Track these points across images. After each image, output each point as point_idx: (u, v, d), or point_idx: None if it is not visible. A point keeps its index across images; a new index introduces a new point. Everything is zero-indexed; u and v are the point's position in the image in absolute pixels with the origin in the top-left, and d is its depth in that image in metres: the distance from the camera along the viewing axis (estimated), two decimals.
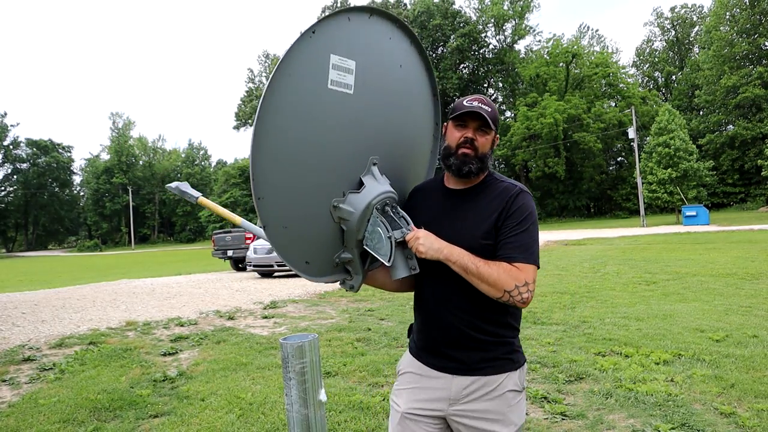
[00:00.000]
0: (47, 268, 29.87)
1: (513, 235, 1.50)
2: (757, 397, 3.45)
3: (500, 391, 1.54)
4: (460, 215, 1.58)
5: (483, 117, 1.52)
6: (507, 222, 1.51)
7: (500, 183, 1.59)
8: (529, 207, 1.53)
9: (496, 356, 1.54)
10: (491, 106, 1.56)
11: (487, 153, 1.57)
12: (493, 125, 1.56)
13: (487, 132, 1.56)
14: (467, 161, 1.54)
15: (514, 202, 1.52)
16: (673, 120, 33.84)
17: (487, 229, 1.52)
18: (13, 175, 78.13)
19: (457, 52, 57.24)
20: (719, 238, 17.49)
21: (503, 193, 1.55)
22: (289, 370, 1.38)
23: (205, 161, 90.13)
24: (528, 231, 1.51)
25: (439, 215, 1.60)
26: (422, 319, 1.64)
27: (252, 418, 3.54)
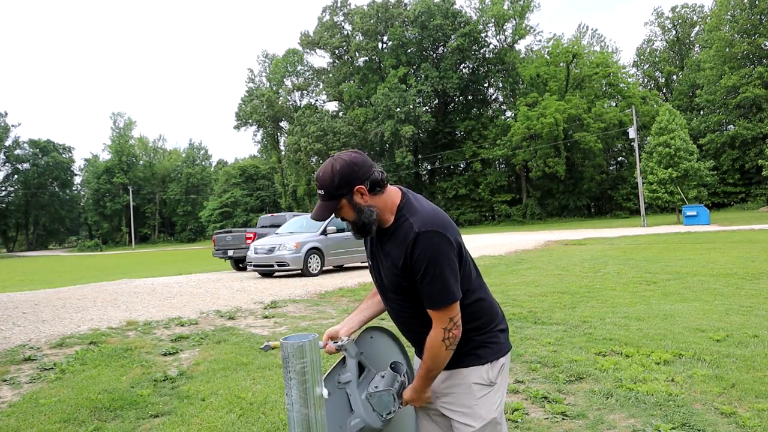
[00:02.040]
0: (48, 267, 29.89)
1: (423, 288, 1.58)
2: (758, 397, 3.45)
3: (464, 383, 1.65)
4: (382, 256, 1.69)
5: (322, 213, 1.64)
6: (415, 273, 1.57)
7: (405, 222, 1.60)
8: (426, 253, 1.53)
9: (460, 352, 1.64)
10: (323, 187, 1.60)
11: (355, 219, 1.62)
12: (334, 203, 1.60)
13: (339, 211, 1.63)
14: (353, 231, 1.68)
15: (412, 253, 1.55)
16: (673, 120, 33.83)
17: (400, 274, 1.60)
18: (14, 175, 78.19)
19: (458, 51, 57.22)
20: (720, 238, 17.48)
21: (404, 238, 1.58)
22: (289, 369, 1.38)
23: (206, 161, 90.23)
24: (432, 278, 1.54)
25: (373, 252, 1.75)
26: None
27: (252, 417, 3.54)
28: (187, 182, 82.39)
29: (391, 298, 1.72)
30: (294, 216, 16.53)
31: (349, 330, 1.79)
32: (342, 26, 62.07)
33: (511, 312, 6.55)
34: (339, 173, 1.57)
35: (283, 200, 67.64)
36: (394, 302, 1.72)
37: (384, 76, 57.82)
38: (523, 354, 4.71)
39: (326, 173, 1.59)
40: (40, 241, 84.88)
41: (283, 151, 64.91)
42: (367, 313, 1.88)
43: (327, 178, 1.58)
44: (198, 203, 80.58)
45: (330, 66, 65.22)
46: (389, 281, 1.66)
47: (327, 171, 1.59)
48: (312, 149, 55.09)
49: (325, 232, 13.39)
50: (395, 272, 1.61)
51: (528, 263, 12.87)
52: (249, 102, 63.83)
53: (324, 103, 67.06)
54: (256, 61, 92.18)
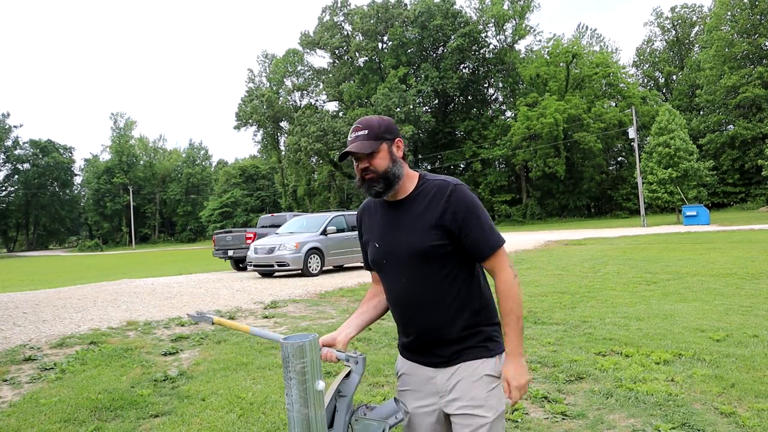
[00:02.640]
0: (48, 267, 29.89)
1: (473, 235, 1.58)
2: (758, 396, 3.45)
3: (476, 376, 1.61)
4: (403, 225, 1.64)
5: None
6: (459, 223, 1.57)
7: (432, 183, 1.64)
8: (468, 201, 1.59)
9: (471, 345, 1.62)
10: (368, 127, 1.63)
11: (388, 167, 1.62)
12: (377, 143, 1.61)
13: (375, 154, 1.61)
14: (372, 185, 1.63)
15: (454, 203, 1.58)
16: (673, 120, 33.82)
17: (432, 233, 1.58)
18: (14, 175, 78.20)
19: (458, 52, 57.21)
20: (719, 237, 17.48)
21: (438, 194, 1.60)
22: (289, 369, 1.38)
23: (206, 161, 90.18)
24: (481, 221, 1.59)
25: (385, 228, 1.69)
26: (399, 323, 1.75)
27: (252, 417, 3.54)
28: (187, 182, 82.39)
29: (411, 273, 1.62)
30: (294, 216, 16.53)
31: (347, 336, 1.71)
32: (342, 26, 62.06)
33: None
34: (386, 122, 1.66)
35: (283, 200, 67.64)
36: (416, 275, 1.61)
37: (384, 76, 57.81)
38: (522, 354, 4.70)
39: (373, 118, 1.66)
40: (41, 241, 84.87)
41: (283, 151, 64.89)
42: (365, 317, 1.82)
43: (374, 122, 1.64)
44: (198, 203, 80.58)
45: (330, 66, 65.22)
46: (416, 249, 1.59)
47: (373, 117, 1.66)
48: (312, 149, 55.07)
49: (325, 232, 13.39)
50: (430, 233, 1.58)
51: (528, 263, 12.87)
52: (249, 102, 63.81)
53: (324, 103, 67.08)
54: (256, 61, 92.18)
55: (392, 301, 1.72)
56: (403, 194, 1.67)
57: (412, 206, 1.64)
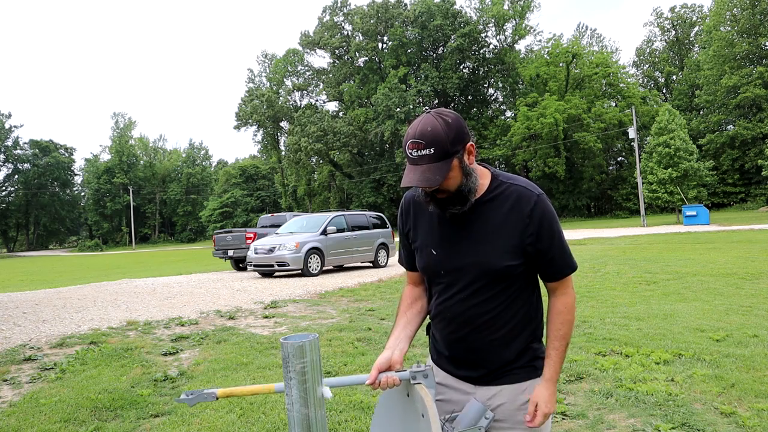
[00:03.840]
0: (48, 267, 29.89)
1: (551, 254, 1.43)
2: (758, 396, 3.45)
3: (524, 398, 1.46)
4: (473, 236, 1.42)
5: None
6: (539, 240, 1.40)
7: (511, 188, 1.43)
8: (551, 217, 1.42)
9: (519, 365, 1.47)
10: (434, 144, 1.29)
11: (461, 185, 1.36)
12: (448, 162, 1.31)
13: (447, 175, 1.32)
14: (445, 206, 1.39)
15: (540, 217, 1.39)
16: (673, 120, 33.83)
17: (509, 250, 1.39)
18: (15, 175, 78.21)
19: (458, 52, 57.22)
20: (719, 237, 17.48)
21: (520, 203, 1.40)
22: (289, 369, 1.38)
23: (206, 161, 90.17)
24: (561, 241, 1.44)
25: (447, 235, 1.46)
26: (443, 335, 1.53)
27: (252, 417, 3.54)
28: (187, 182, 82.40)
29: (473, 290, 1.42)
30: (294, 216, 16.53)
31: (402, 352, 1.47)
32: (342, 26, 62.07)
33: None
34: (454, 126, 1.31)
35: (283, 200, 67.65)
36: (478, 293, 1.42)
37: (384, 77, 57.81)
38: None
39: (437, 127, 1.29)
40: (41, 241, 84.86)
41: (284, 151, 64.89)
42: (413, 327, 1.57)
43: (441, 133, 1.28)
44: (198, 203, 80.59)
45: (330, 66, 65.23)
46: (487, 268, 1.39)
47: (437, 125, 1.29)
48: (312, 149, 55.08)
49: (325, 232, 13.39)
50: (503, 248, 1.38)
51: None
52: (249, 102, 63.81)
53: (324, 103, 67.10)
54: (256, 61, 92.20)
55: (443, 315, 1.50)
56: (474, 196, 1.42)
57: (485, 214, 1.41)
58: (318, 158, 59.99)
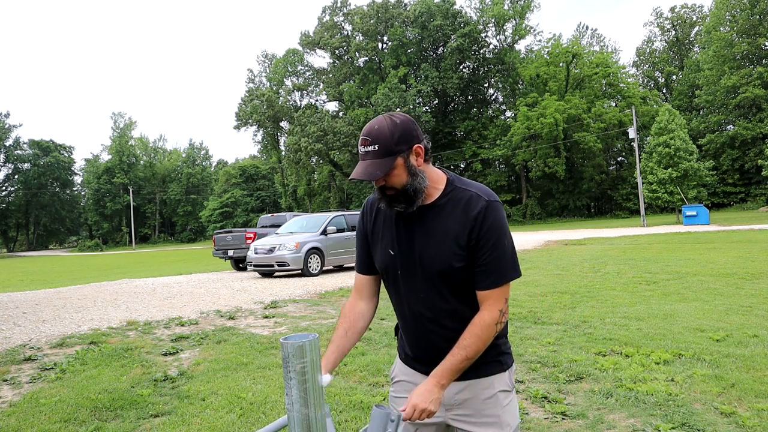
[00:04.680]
0: (48, 267, 29.89)
1: (490, 261, 1.43)
2: (758, 396, 3.45)
3: (490, 392, 1.52)
4: (427, 236, 1.47)
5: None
6: (481, 246, 1.42)
7: (464, 193, 1.46)
8: (497, 224, 1.43)
9: (484, 360, 1.50)
10: (378, 141, 1.38)
11: (407, 183, 1.42)
12: (391, 159, 1.38)
13: (391, 172, 1.40)
14: (392, 203, 1.45)
15: (483, 222, 1.42)
16: (673, 120, 33.83)
17: (459, 252, 1.43)
18: (15, 175, 78.22)
19: (458, 52, 57.23)
20: (719, 237, 17.48)
21: (469, 207, 1.44)
22: (289, 369, 1.38)
23: (206, 161, 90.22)
24: (503, 249, 1.43)
25: (404, 235, 1.51)
26: (406, 335, 1.60)
27: (253, 417, 3.54)
28: (187, 182, 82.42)
29: (433, 287, 1.48)
30: (294, 216, 16.53)
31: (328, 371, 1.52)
32: (342, 26, 62.07)
33: (511, 312, 6.56)
34: (401, 126, 1.40)
35: (283, 200, 67.66)
36: (438, 291, 1.47)
37: (384, 77, 57.82)
38: (523, 354, 4.71)
39: (383, 125, 1.39)
40: (41, 241, 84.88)
41: (283, 151, 64.91)
42: (350, 343, 1.61)
43: (385, 131, 1.39)
44: (198, 203, 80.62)
45: (330, 66, 65.24)
46: (441, 266, 1.44)
47: (384, 124, 1.40)
48: (312, 149, 55.09)
49: (325, 232, 13.39)
50: (452, 250, 1.42)
51: (528, 263, 12.87)
52: (249, 102, 63.82)
53: (324, 103, 67.12)
54: (256, 61, 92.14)
55: (406, 314, 1.56)
56: (428, 200, 1.48)
57: (439, 215, 1.46)
58: (318, 158, 59.99)
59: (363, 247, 1.66)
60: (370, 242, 1.62)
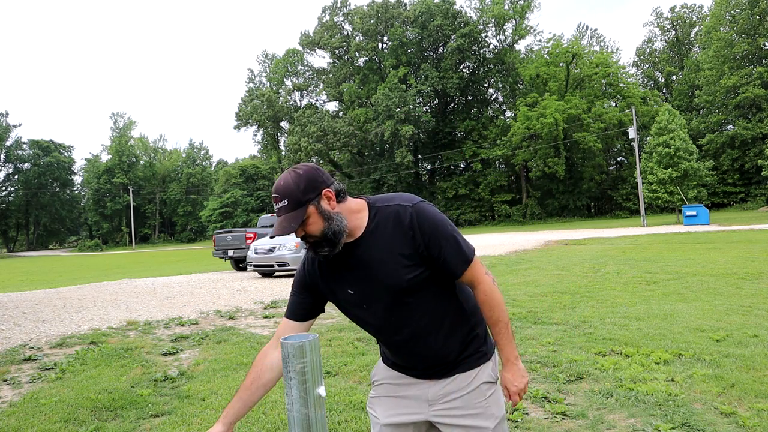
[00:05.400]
0: (48, 267, 29.88)
1: (446, 255, 1.46)
2: (758, 396, 3.45)
3: (475, 384, 1.56)
4: (373, 264, 1.48)
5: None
6: (430, 247, 1.45)
7: (388, 209, 1.48)
8: (432, 220, 1.46)
9: (467, 354, 1.57)
10: (286, 196, 1.41)
11: (323, 230, 1.43)
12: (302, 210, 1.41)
13: (305, 221, 1.42)
14: (317, 250, 1.47)
15: (419, 227, 1.44)
16: (673, 120, 33.83)
17: (406, 267, 1.45)
18: (15, 175, 78.23)
19: (458, 52, 57.24)
20: (719, 237, 17.48)
21: (399, 219, 1.46)
22: (289, 369, 1.38)
23: (206, 161, 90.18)
24: (451, 239, 1.47)
25: (353, 272, 1.52)
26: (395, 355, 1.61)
27: (252, 417, 3.54)
28: (187, 182, 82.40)
29: (398, 309, 1.51)
30: None
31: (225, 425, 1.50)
32: (342, 26, 62.08)
33: (511, 312, 6.55)
34: (304, 177, 1.42)
35: None
36: (404, 310, 1.51)
37: (384, 77, 57.83)
38: (523, 354, 4.71)
39: (288, 180, 1.42)
40: (41, 241, 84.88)
41: (284, 151, 64.93)
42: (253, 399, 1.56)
43: (291, 184, 1.41)
44: (198, 203, 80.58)
45: (330, 66, 65.25)
46: (396, 286, 1.47)
47: (288, 178, 1.43)
48: (312, 149, 55.10)
49: None
50: (402, 265, 1.45)
51: (528, 263, 12.87)
52: (249, 102, 63.84)
53: (324, 103, 67.14)
54: (256, 61, 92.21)
55: (384, 339, 1.60)
56: (358, 232, 1.49)
57: (375, 241, 1.47)
58: (318, 158, 59.98)
59: (299, 294, 1.64)
60: (325, 291, 1.61)
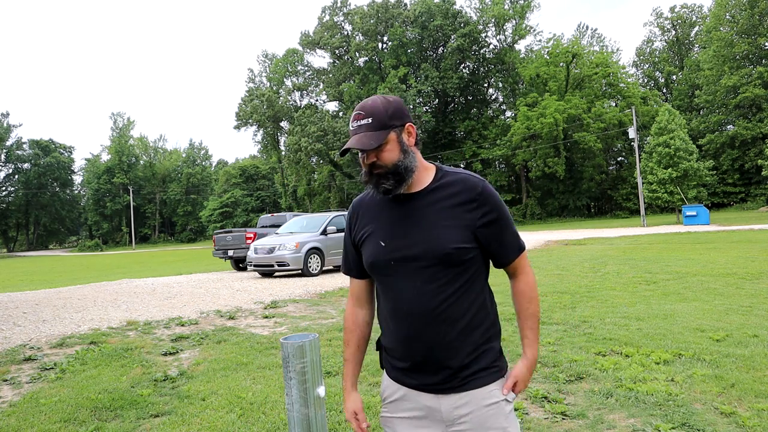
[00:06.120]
0: (48, 267, 29.88)
1: (503, 237, 1.46)
2: (758, 396, 3.45)
3: (493, 401, 1.44)
4: (421, 221, 1.42)
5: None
6: (491, 223, 1.43)
7: (455, 177, 1.46)
8: (498, 202, 1.46)
9: (482, 367, 1.44)
10: (372, 114, 1.40)
11: (398, 161, 1.41)
12: (384, 133, 1.40)
13: (382, 146, 1.40)
14: (380, 182, 1.42)
15: (489, 200, 1.43)
16: (673, 120, 33.82)
17: (458, 233, 1.40)
18: (15, 174, 78.23)
19: (458, 52, 57.23)
20: (719, 237, 17.47)
21: (466, 189, 1.43)
22: (289, 369, 1.38)
23: (206, 161, 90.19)
24: (510, 223, 1.49)
25: (395, 225, 1.45)
26: (398, 337, 1.47)
27: (253, 417, 3.54)
28: (187, 182, 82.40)
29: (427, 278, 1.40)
30: (294, 216, 16.53)
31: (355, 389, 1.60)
32: (342, 26, 62.07)
33: (511, 312, 6.55)
34: (394, 104, 1.43)
35: (283, 200, 67.64)
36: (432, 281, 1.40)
37: (384, 77, 57.82)
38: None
39: (377, 101, 1.42)
40: (41, 241, 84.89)
41: (284, 151, 64.90)
42: (362, 358, 1.64)
43: (379, 106, 1.41)
44: (198, 203, 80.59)
45: (330, 66, 65.23)
46: (437, 250, 1.38)
47: (377, 100, 1.43)
48: (312, 149, 55.08)
49: (325, 232, 13.39)
50: (457, 231, 1.39)
51: None
52: (249, 102, 63.80)
53: (324, 103, 67.09)
54: (256, 61, 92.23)
55: (397, 311, 1.45)
56: (419, 187, 1.46)
57: (432, 200, 1.43)
58: (318, 158, 59.98)
59: (351, 251, 1.60)
60: (358, 241, 1.55)
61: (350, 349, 1.60)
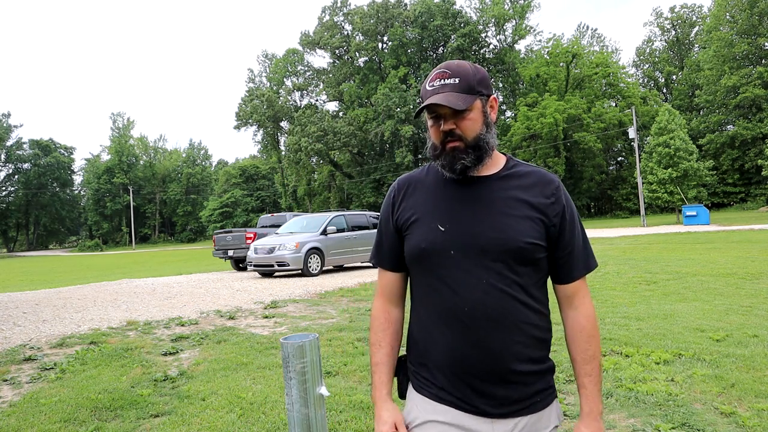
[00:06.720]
0: (48, 267, 29.88)
1: (576, 247, 1.28)
2: (758, 396, 3.45)
3: (549, 426, 1.28)
4: (491, 207, 1.22)
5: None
6: (564, 226, 1.25)
7: (529, 167, 1.29)
8: (572, 205, 1.30)
9: (539, 389, 1.25)
10: (460, 75, 1.20)
11: (480, 134, 1.21)
12: (472, 98, 1.20)
13: (466, 113, 1.20)
14: (457, 156, 1.21)
15: (563, 198, 1.26)
16: (673, 120, 33.83)
17: (534, 227, 1.21)
18: (15, 174, 78.24)
19: (458, 52, 57.23)
20: (719, 237, 17.47)
21: (543, 181, 1.26)
22: (289, 369, 1.38)
23: (206, 161, 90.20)
24: (583, 233, 1.31)
25: (458, 208, 1.24)
26: (451, 345, 1.22)
27: (253, 417, 3.54)
28: (187, 182, 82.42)
29: (493, 274, 1.19)
30: (294, 216, 16.53)
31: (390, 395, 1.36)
32: (342, 26, 62.07)
33: None
34: (482, 72, 1.24)
35: (283, 200, 67.64)
36: (499, 278, 1.19)
37: (384, 77, 57.83)
38: None
39: (464, 64, 1.23)
40: (41, 241, 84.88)
41: (284, 151, 64.89)
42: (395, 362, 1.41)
43: (468, 68, 1.22)
44: (198, 203, 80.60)
45: (330, 66, 65.23)
46: (510, 242, 1.19)
47: (465, 63, 1.24)
48: (312, 149, 55.08)
49: (325, 232, 13.39)
50: (532, 224, 1.21)
51: None
52: (249, 102, 63.79)
53: (324, 103, 67.10)
54: (257, 61, 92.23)
55: (456, 312, 1.21)
56: (488, 171, 1.26)
57: (503, 187, 1.24)
58: (318, 158, 59.97)
59: (390, 237, 1.35)
60: (402, 226, 1.31)
61: (383, 350, 1.37)
